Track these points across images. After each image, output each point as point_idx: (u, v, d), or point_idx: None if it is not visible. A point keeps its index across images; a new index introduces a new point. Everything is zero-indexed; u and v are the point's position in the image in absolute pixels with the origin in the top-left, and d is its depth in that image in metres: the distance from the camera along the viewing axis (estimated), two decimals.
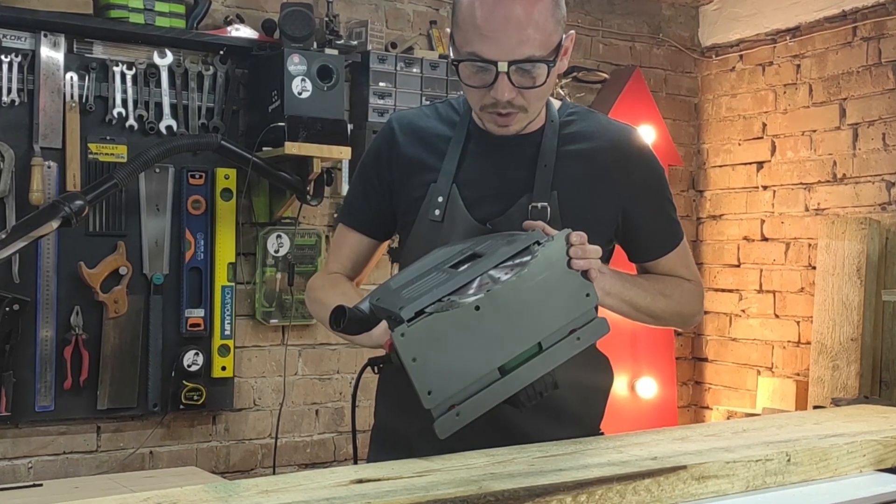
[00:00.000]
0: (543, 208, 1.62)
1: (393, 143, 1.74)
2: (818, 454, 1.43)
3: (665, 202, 1.76)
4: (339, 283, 1.78)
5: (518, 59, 1.53)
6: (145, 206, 3.40)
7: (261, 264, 3.62)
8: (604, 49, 4.50)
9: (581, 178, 1.66)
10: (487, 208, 1.64)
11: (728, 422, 1.82)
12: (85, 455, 3.36)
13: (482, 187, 1.67)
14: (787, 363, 4.29)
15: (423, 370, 1.33)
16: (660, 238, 1.76)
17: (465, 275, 1.38)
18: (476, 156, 1.69)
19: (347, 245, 1.80)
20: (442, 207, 1.66)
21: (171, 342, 3.44)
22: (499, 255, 1.40)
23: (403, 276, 1.48)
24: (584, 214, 1.63)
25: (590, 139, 1.70)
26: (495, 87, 1.55)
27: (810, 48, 4.25)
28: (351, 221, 1.80)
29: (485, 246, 1.46)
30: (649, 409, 4.31)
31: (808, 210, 4.24)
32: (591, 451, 1.43)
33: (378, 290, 1.48)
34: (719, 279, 4.63)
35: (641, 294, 1.67)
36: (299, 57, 3.37)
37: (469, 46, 1.55)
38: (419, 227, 1.68)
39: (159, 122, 3.39)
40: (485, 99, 1.59)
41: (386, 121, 1.80)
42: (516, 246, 1.41)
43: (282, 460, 3.68)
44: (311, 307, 1.84)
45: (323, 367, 3.80)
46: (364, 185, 1.78)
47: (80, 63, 3.28)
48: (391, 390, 1.74)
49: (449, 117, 1.74)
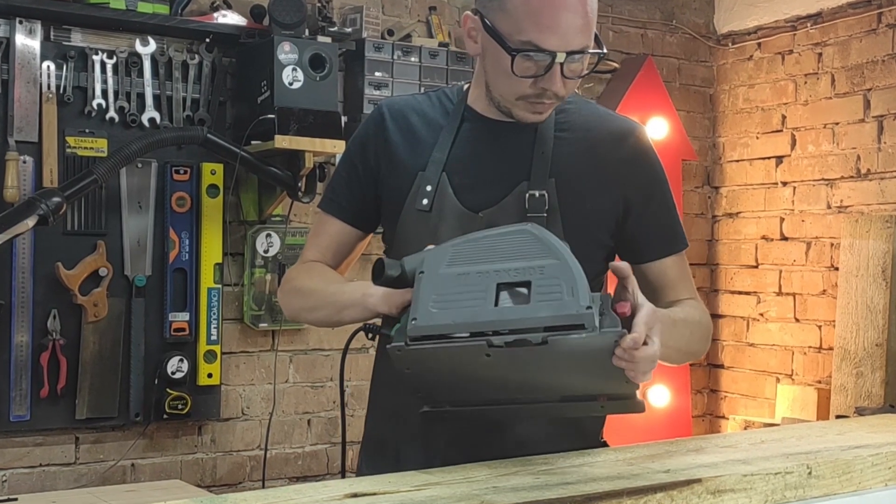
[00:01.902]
0: (542, 196, 1.63)
1: (381, 128, 1.74)
2: (841, 467, 1.43)
3: (666, 196, 1.75)
4: (316, 268, 1.76)
5: (576, 49, 1.56)
6: (127, 203, 3.39)
7: (249, 265, 3.62)
8: (613, 37, 4.50)
9: (578, 165, 1.67)
10: (480, 196, 1.64)
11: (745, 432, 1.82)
12: (62, 468, 3.36)
13: (474, 174, 1.67)
14: (808, 370, 4.29)
15: (416, 380, 1.35)
16: (663, 233, 1.74)
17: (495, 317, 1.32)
18: (468, 142, 1.70)
19: (327, 234, 1.79)
20: (430, 196, 1.66)
21: (154, 348, 3.44)
22: (535, 319, 1.32)
23: (468, 250, 1.42)
24: (584, 203, 1.65)
25: (588, 128, 1.71)
26: (548, 78, 1.57)
27: (833, 35, 4.25)
28: (332, 209, 1.79)
29: (543, 280, 1.35)
30: (661, 418, 4.31)
31: (831, 207, 4.23)
32: (600, 463, 1.43)
33: (436, 254, 1.43)
34: (736, 281, 4.63)
35: (686, 334, 1.63)
36: (290, 45, 3.37)
37: (523, 35, 1.56)
38: (406, 218, 1.68)
39: (141, 114, 3.38)
40: (529, 89, 1.60)
41: (374, 108, 1.80)
42: (558, 318, 1.31)
43: (272, 473, 3.68)
44: (286, 301, 1.79)
45: (315, 374, 3.80)
46: (349, 171, 1.77)
47: (58, 51, 3.28)
48: (381, 395, 1.75)
49: (442, 105, 1.75)
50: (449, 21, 4.03)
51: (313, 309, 1.70)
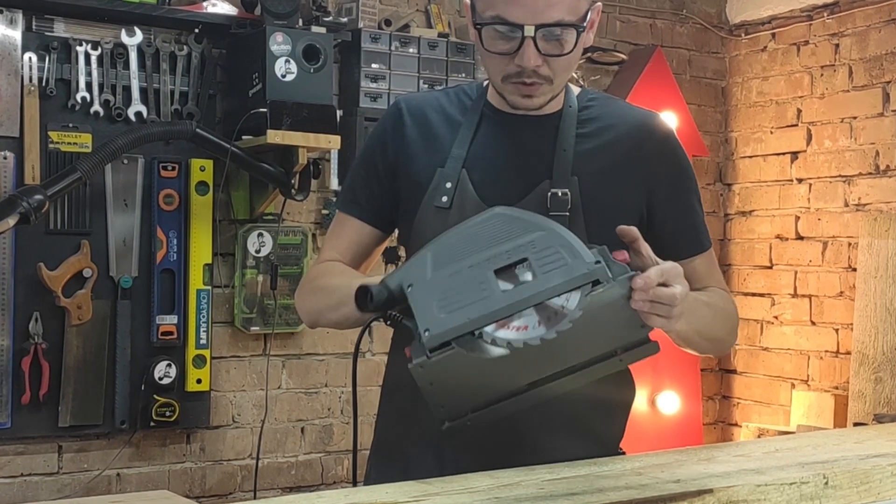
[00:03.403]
0: (564, 195, 1.64)
1: (399, 125, 1.76)
2: (859, 477, 1.43)
3: (693, 195, 1.78)
4: (338, 267, 1.77)
5: (546, 22, 1.57)
6: (112, 201, 3.39)
7: (240, 266, 3.62)
8: (621, 27, 4.50)
9: (602, 164, 1.69)
10: (501, 194, 1.65)
11: (759, 441, 1.82)
12: (45, 477, 3.36)
13: (495, 172, 1.69)
14: (825, 375, 4.29)
15: (441, 392, 1.34)
16: (689, 234, 1.77)
17: (506, 301, 1.33)
18: (489, 139, 1.72)
19: (346, 234, 1.80)
20: (450, 194, 1.67)
21: (141, 352, 3.44)
22: (549, 289, 1.34)
23: (446, 251, 1.44)
24: (607, 203, 1.66)
25: (611, 126, 1.72)
26: (520, 54, 1.58)
27: (850, 26, 4.25)
28: (351, 209, 1.81)
29: (539, 253, 1.39)
30: (671, 426, 4.31)
31: (848, 205, 4.24)
32: (607, 472, 1.43)
33: (414, 265, 1.45)
34: (749, 282, 4.63)
35: (708, 315, 1.64)
36: (283, 36, 3.37)
37: (493, 10, 1.58)
38: (424, 215, 1.69)
39: (128, 107, 3.39)
40: (508, 68, 1.61)
41: (390, 105, 1.82)
42: (571, 281, 1.35)
43: (263, 483, 3.68)
44: (306, 302, 1.79)
45: (309, 379, 3.80)
46: (367, 169, 1.79)
47: (40, 42, 3.28)
48: (393, 396, 1.76)
49: (461, 102, 1.77)
50: (449, 10, 4.03)
51: (338, 306, 1.66)
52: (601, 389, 1.61)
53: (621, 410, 1.76)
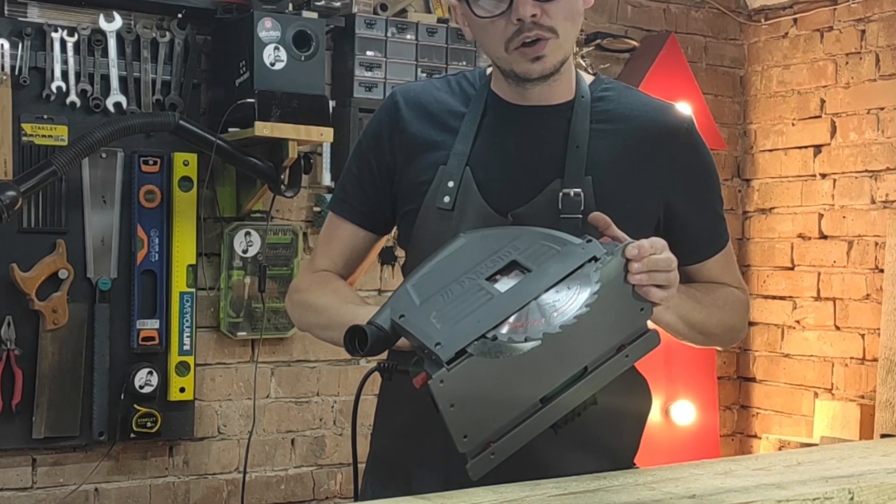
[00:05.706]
0: (577, 196, 1.63)
1: (396, 119, 1.75)
2: (886, 491, 1.43)
3: (714, 195, 1.78)
4: (330, 282, 1.78)
5: None
6: (89, 197, 3.40)
7: (226, 267, 3.62)
8: (633, 12, 4.51)
9: (618, 161, 1.68)
10: (508, 195, 1.65)
11: (780, 453, 1.83)
12: (18, 492, 3.36)
13: (501, 170, 1.67)
14: (850, 384, 4.29)
15: (462, 415, 1.35)
16: (706, 237, 1.77)
17: (511, 299, 1.37)
18: (494, 132, 1.70)
19: (339, 238, 1.80)
20: (452, 194, 1.66)
21: (120, 359, 3.44)
22: (551, 277, 1.38)
23: (427, 282, 1.46)
24: (622, 204, 1.64)
25: (627, 118, 1.71)
26: (515, 7, 1.57)
27: (877, 11, 4.26)
28: (344, 211, 1.80)
29: (525, 252, 1.44)
30: (686, 437, 4.31)
31: (875, 202, 4.24)
32: (618, 487, 1.44)
33: (398, 300, 1.47)
34: (769, 284, 4.64)
35: (697, 308, 1.68)
36: (272, 21, 3.37)
37: None
38: (425, 218, 1.68)
39: (106, 98, 3.39)
40: (507, 30, 1.59)
41: (387, 95, 1.81)
42: (569, 263, 1.39)
43: (251, 499, 3.68)
44: (296, 313, 1.83)
45: (300, 388, 3.81)
46: (360, 168, 1.79)
47: (13, 28, 3.28)
48: (392, 412, 1.75)
49: (463, 91, 1.75)
50: None
51: (326, 327, 1.72)
52: (616, 402, 1.62)
53: (635, 423, 1.76)
